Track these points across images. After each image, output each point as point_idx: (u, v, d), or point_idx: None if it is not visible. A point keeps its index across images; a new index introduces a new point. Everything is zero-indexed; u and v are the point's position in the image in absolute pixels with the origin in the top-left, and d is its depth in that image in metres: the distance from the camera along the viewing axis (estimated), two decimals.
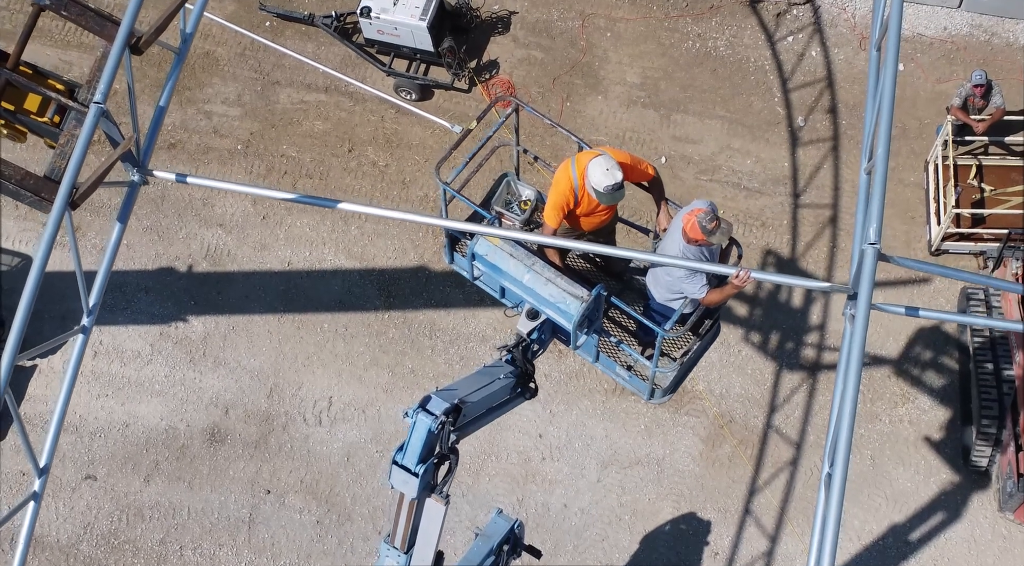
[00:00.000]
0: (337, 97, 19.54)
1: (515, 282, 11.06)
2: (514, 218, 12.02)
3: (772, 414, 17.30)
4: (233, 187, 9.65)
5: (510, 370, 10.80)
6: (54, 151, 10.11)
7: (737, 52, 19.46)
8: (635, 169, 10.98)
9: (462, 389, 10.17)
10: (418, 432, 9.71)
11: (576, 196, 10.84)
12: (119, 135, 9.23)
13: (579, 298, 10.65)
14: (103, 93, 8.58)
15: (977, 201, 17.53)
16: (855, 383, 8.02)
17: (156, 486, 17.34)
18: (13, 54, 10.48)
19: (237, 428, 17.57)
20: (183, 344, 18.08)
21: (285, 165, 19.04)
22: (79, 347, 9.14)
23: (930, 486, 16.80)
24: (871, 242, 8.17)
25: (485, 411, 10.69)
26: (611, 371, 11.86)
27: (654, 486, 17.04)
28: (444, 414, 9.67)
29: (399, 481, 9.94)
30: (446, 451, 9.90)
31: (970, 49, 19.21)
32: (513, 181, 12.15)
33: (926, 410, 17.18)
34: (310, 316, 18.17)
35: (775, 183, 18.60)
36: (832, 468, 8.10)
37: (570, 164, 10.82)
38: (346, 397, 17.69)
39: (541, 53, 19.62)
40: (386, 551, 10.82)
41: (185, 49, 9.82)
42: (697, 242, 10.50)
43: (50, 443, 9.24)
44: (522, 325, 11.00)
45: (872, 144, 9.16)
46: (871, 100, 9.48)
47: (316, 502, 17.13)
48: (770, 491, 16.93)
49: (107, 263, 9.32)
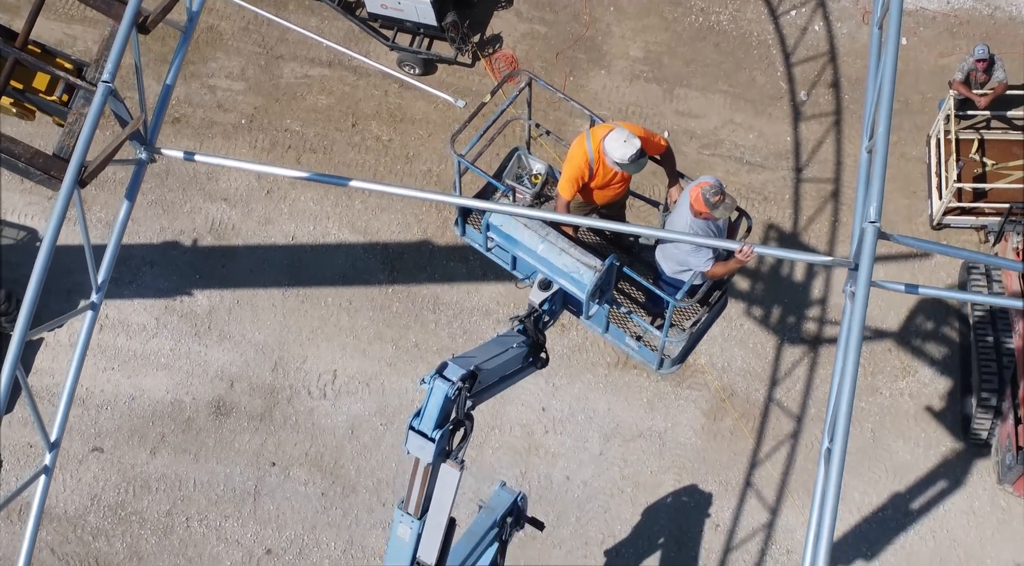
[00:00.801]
0: (341, 71, 19.58)
1: (529, 252, 11.21)
2: (525, 191, 12.13)
3: (773, 388, 17.42)
4: (242, 165, 9.76)
5: (522, 340, 10.96)
6: (63, 129, 10.19)
7: (740, 26, 19.48)
8: (648, 142, 11.10)
9: (478, 357, 10.32)
10: (435, 398, 9.88)
11: (591, 169, 10.98)
12: (127, 114, 9.30)
13: (592, 268, 10.82)
14: (111, 72, 8.66)
15: (979, 175, 17.59)
16: (855, 359, 8.12)
17: (162, 458, 17.48)
18: (22, 33, 10.54)
19: (242, 401, 17.70)
20: (188, 318, 18.19)
21: (289, 140, 19.10)
22: (88, 323, 9.25)
23: (930, 459, 16.93)
24: (871, 220, 8.25)
25: (499, 379, 10.88)
26: (620, 341, 12.01)
27: (656, 459, 17.18)
28: (461, 380, 9.85)
29: (415, 446, 10.14)
30: (462, 417, 10.09)
31: (973, 23, 19.23)
32: (524, 155, 12.26)
33: (926, 383, 17.29)
34: (314, 290, 18.27)
35: (777, 157, 18.66)
36: (832, 443, 8.20)
37: (585, 138, 10.98)
38: (350, 370, 17.81)
39: (544, 27, 19.65)
40: (400, 517, 10.96)
41: (191, 27, 9.88)
42: (703, 215, 10.62)
43: (60, 417, 9.36)
44: (534, 295, 11.16)
45: (873, 123, 9.22)
46: (872, 79, 9.55)
47: (321, 474, 17.28)
48: (771, 464, 17.06)
49: (115, 239, 9.41)
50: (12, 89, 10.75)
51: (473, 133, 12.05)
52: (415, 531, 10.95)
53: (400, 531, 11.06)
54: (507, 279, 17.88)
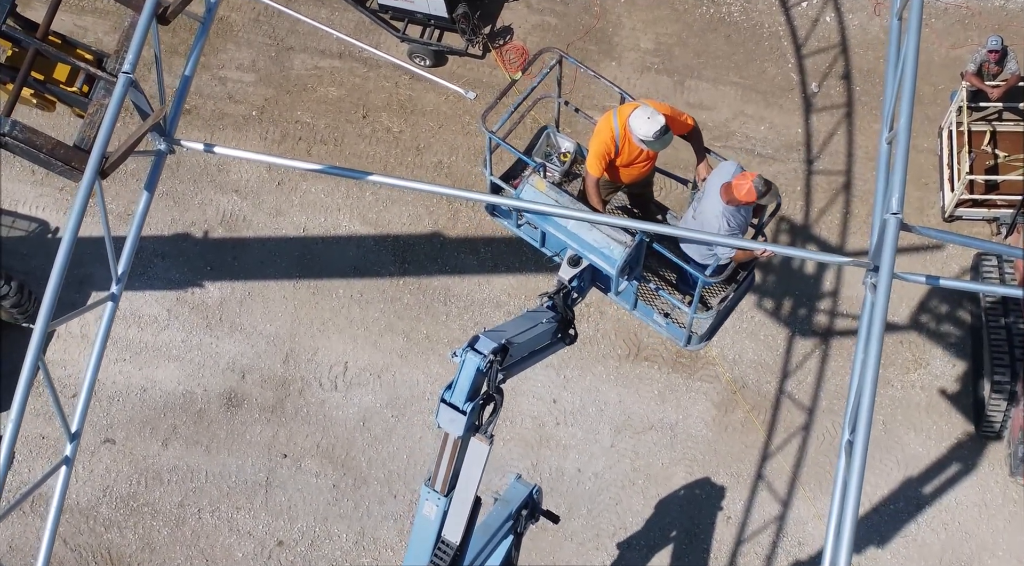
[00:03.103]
0: (351, 63, 19.56)
1: (559, 228, 11.26)
2: (554, 169, 12.16)
3: (784, 380, 17.42)
4: (260, 157, 9.71)
5: (552, 316, 11.01)
6: (83, 121, 10.17)
7: (751, 18, 19.44)
8: (675, 120, 11.12)
9: (508, 331, 10.36)
10: (467, 370, 9.92)
11: (617, 145, 10.99)
12: (147, 105, 9.30)
13: (623, 243, 10.85)
14: (131, 63, 8.64)
15: (991, 167, 17.53)
16: (876, 352, 8.09)
17: (174, 450, 17.50)
18: (42, 24, 10.52)
19: (254, 393, 17.71)
20: (200, 309, 18.20)
21: (300, 131, 19.09)
22: (108, 314, 9.24)
23: (941, 451, 16.93)
24: (893, 212, 8.22)
25: (528, 354, 10.91)
26: (648, 318, 12.07)
27: (667, 451, 17.18)
28: (492, 353, 9.87)
29: (446, 420, 10.15)
30: (492, 391, 10.10)
31: (985, 14, 19.18)
32: (553, 133, 12.28)
33: (938, 375, 17.29)
34: (325, 282, 18.27)
35: (789, 149, 18.63)
36: (853, 435, 8.18)
37: (612, 115, 11.01)
38: (361, 362, 17.81)
39: (555, 19, 19.61)
40: (426, 494, 10.94)
41: (209, 19, 9.87)
42: (741, 203, 10.65)
43: (81, 408, 9.37)
44: (563, 272, 11.23)
45: (893, 114, 9.20)
46: (891, 70, 9.52)
47: (332, 466, 17.29)
48: (782, 456, 17.07)
49: (135, 230, 9.40)
50: (33, 80, 10.74)
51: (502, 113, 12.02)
52: (441, 509, 10.92)
53: (426, 509, 11.03)
54: (518, 271, 18.03)
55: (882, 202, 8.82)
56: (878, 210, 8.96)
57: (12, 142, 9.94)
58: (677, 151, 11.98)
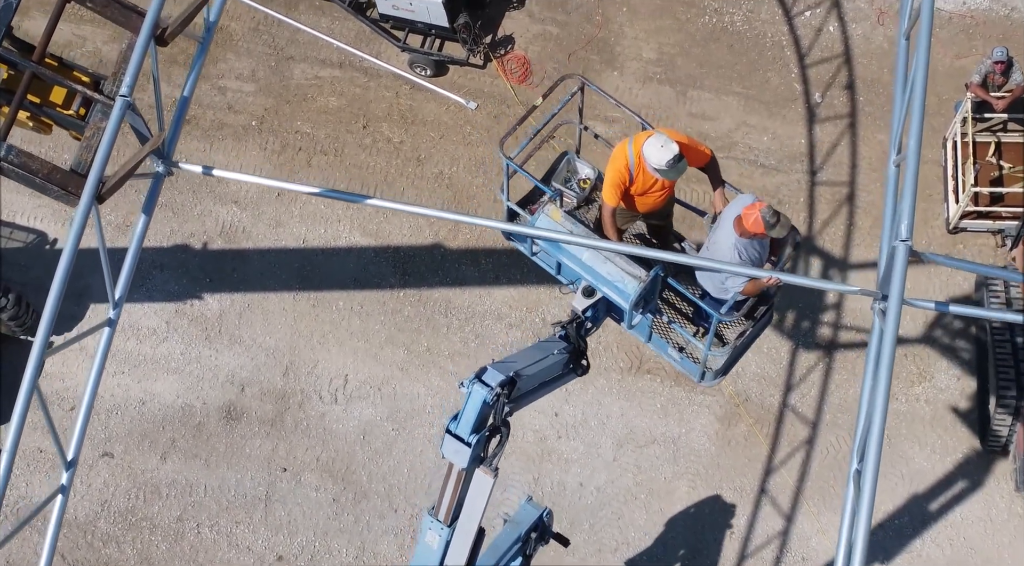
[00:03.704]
0: (351, 73, 19.43)
1: (574, 259, 11.21)
2: (573, 195, 12.09)
3: (788, 393, 17.30)
4: (260, 180, 9.61)
5: (563, 346, 10.90)
6: (80, 144, 10.05)
7: (754, 27, 19.31)
8: (692, 150, 11.00)
9: (517, 362, 10.26)
10: (473, 402, 9.85)
11: (631, 174, 10.89)
12: (145, 128, 9.17)
13: (637, 278, 10.79)
14: (129, 86, 8.51)
15: (995, 179, 17.41)
16: (886, 381, 7.97)
17: (173, 463, 17.38)
18: (39, 47, 10.39)
19: (253, 406, 17.59)
20: (199, 321, 18.07)
21: (300, 141, 18.97)
22: (105, 340, 9.11)
23: (946, 465, 16.81)
24: (902, 239, 8.09)
25: (537, 385, 10.82)
26: (663, 351, 12.00)
27: (670, 465, 17.06)
28: (500, 386, 9.78)
29: (451, 451, 10.06)
30: (499, 423, 10.04)
31: (989, 24, 19.05)
32: (573, 159, 12.23)
33: (943, 389, 17.16)
34: (325, 294, 18.15)
35: (792, 160, 18.51)
36: (862, 464, 8.06)
37: (627, 143, 10.92)
38: (362, 375, 17.69)
39: (556, 28, 19.49)
40: (429, 523, 10.86)
41: (208, 38, 9.74)
42: (753, 235, 10.52)
43: (77, 435, 9.26)
44: (578, 302, 11.18)
45: (901, 136, 9.08)
46: (899, 91, 9.39)
47: (332, 480, 17.17)
48: (786, 470, 16.95)
49: (132, 255, 9.27)
50: (29, 103, 10.60)
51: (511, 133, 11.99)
52: (444, 538, 10.84)
53: (428, 538, 10.97)
54: (519, 283, 17.90)
55: (890, 227, 8.70)
56: (886, 236, 8.84)
57: (7, 167, 9.81)
58: (699, 183, 11.84)
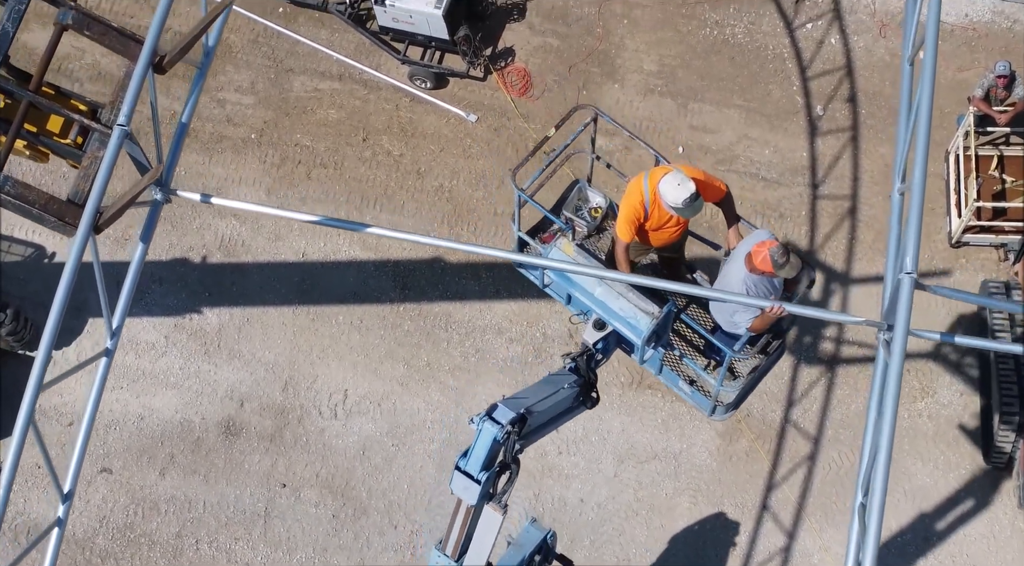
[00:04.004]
0: (351, 85, 19.34)
1: (586, 294, 11.19)
2: (584, 224, 12.05)
3: (790, 408, 17.22)
4: (259, 209, 9.52)
5: (574, 380, 10.87)
6: (77, 173, 9.97)
7: (755, 39, 19.22)
8: (708, 186, 10.94)
9: (528, 398, 10.23)
10: (483, 440, 9.85)
11: (646, 210, 10.83)
12: (143, 157, 9.09)
13: (650, 314, 10.74)
14: (127, 115, 8.43)
15: (998, 192, 17.33)
16: (891, 416, 7.87)
17: (171, 479, 17.29)
18: (36, 75, 10.29)
19: (252, 421, 17.51)
20: (197, 336, 17.99)
21: (299, 154, 18.88)
22: (102, 371, 9.02)
23: (949, 482, 16.72)
24: (908, 271, 8.01)
25: (547, 420, 10.83)
26: (674, 385, 12.00)
27: (671, 481, 16.98)
28: (510, 424, 9.74)
29: (460, 487, 10.07)
30: (509, 460, 10.02)
31: (992, 36, 18.97)
32: (584, 187, 12.24)
33: (945, 404, 17.08)
34: (325, 308, 18.07)
35: (793, 173, 18.42)
36: (866, 498, 7.97)
37: (643, 178, 10.88)
38: (361, 390, 17.61)
39: (557, 40, 19.40)
40: (437, 557, 10.84)
41: (208, 62, 9.65)
42: (762, 273, 10.46)
43: (73, 469, 9.18)
44: (588, 335, 11.14)
45: (906, 164, 9.00)
46: (903, 118, 9.31)
47: (332, 496, 17.09)
48: (787, 486, 16.87)
49: (130, 284, 9.19)
50: (26, 131, 10.52)
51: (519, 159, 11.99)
52: None
53: None
54: (520, 297, 17.82)
55: (895, 257, 8.60)
56: (891, 265, 8.75)
57: (4, 198, 9.73)
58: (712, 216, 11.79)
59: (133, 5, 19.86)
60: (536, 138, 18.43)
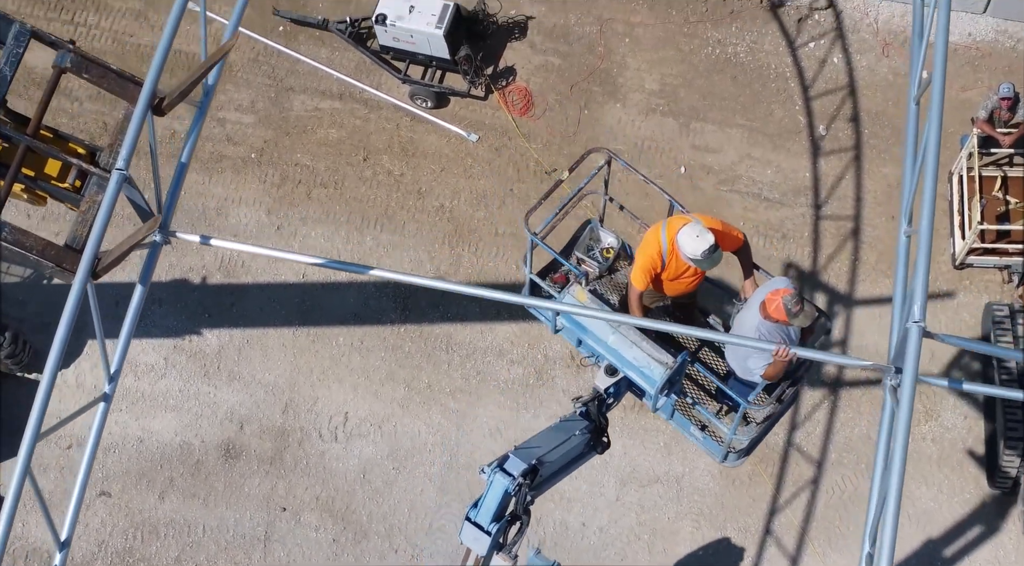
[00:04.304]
0: (352, 104, 19.24)
1: (599, 341, 11.17)
2: (595, 265, 12.00)
3: (793, 431, 17.12)
4: (259, 250, 9.42)
5: (584, 425, 10.82)
6: (75, 217, 9.87)
7: (757, 58, 19.13)
8: (726, 236, 10.89)
9: (539, 447, 10.19)
10: (494, 492, 9.79)
11: (664, 260, 10.77)
12: (142, 200, 9.01)
13: (664, 364, 10.67)
14: (125, 159, 8.34)
15: (1002, 214, 17.24)
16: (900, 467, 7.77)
17: (171, 503, 17.20)
18: (33, 119, 10.19)
19: (252, 444, 17.42)
20: (197, 357, 17.90)
21: (299, 174, 18.79)
22: (100, 417, 8.92)
23: (954, 506, 16.63)
24: (916, 321, 7.91)
25: (558, 469, 10.74)
26: (685, 430, 11.97)
27: (673, 504, 16.89)
28: (522, 475, 9.70)
29: (470, 538, 10.01)
30: (520, 511, 9.93)
31: (995, 55, 18.88)
32: (597, 227, 12.23)
33: (949, 428, 16.99)
34: (325, 329, 17.97)
35: (796, 194, 18.32)
36: (874, 549, 7.88)
37: (661, 228, 10.83)
38: (362, 412, 17.52)
39: (559, 59, 19.30)
40: None
41: (207, 101, 9.56)
42: (776, 321, 10.38)
43: (71, 516, 9.06)
44: (600, 381, 11.15)
45: (912, 206, 8.90)
46: (909, 160, 9.21)
47: (332, 520, 16.99)
48: (791, 510, 16.77)
49: (128, 328, 9.11)
50: (23, 176, 10.42)
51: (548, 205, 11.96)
52: None
53: None
54: (521, 319, 17.72)
55: (902, 303, 8.51)
56: (897, 311, 8.65)
57: (2, 244, 9.64)
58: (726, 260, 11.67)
59: (132, 23, 19.77)
60: (537, 157, 18.40)
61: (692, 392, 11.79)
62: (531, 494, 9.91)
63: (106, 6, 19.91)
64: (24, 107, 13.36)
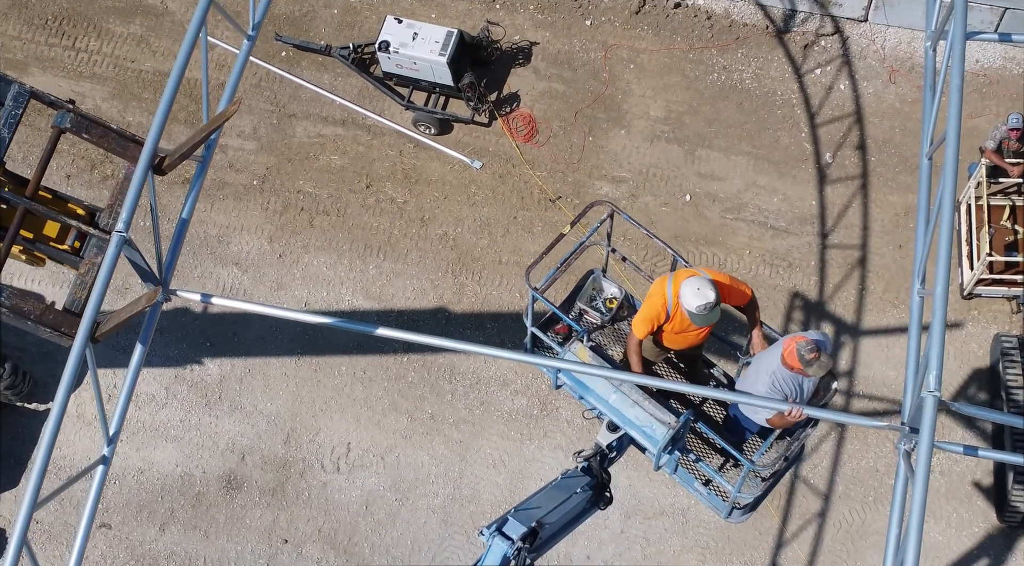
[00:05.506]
0: (354, 130, 19.09)
1: (600, 400, 11.07)
2: (598, 315, 11.88)
3: (799, 464, 16.96)
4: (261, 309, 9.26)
5: (586, 482, 10.69)
6: (74, 280, 9.73)
7: (763, 85, 18.98)
8: (732, 290, 10.71)
9: (538, 507, 10.04)
10: (493, 555, 9.70)
11: (668, 313, 10.62)
12: (143, 261, 8.85)
13: (666, 424, 10.52)
14: (125, 222, 8.20)
15: (1010, 243, 17.10)
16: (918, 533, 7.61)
17: (172, 535, 17.06)
18: (32, 181, 10.03)
19: (254, 475, 17.28)
20: (198, 387, 17.76)
21: (302, 201, 18.64)
22: (99, 479, 8.78)
23: (962, 540, 16.49)
24: (931, 390, 7.75)
25: (559, 529, 10.60)
26: (689, 486, 11.82)
27: (679, 538, 16.75)
28: (521, 539, 9.52)
29: None
30: None
31: (1003, 83, 18.72)
32: (599, 277, 12.12)
33: (958, 460, 16.84)
34: (327, 359, 17.83)
35: (802, 222, 18.17)
36: None
37: (667, 280, 10.67)
38: (364, 443, 17.38)
39: (563, 85, 19.15)
40: None
41: (209, 156, 9.43)
42: (791, 368, 10.21)
43: None
44: (602, 437, 11.02)
45: (924, 267, 8.76)
46: (922, 220, 9.06)
47: (334, 552, 16.86)
48: (797, 544, 16.63)
49: (128, 388, 8.96)
50: (22, 238, 10.27)
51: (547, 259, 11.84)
52: None
53: None
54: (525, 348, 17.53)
55: (915, 366, 8.35)
56: (911, 374, 8.49)
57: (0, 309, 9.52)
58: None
59: (134, 49, 19.62)
60: (542, 185, 18.25)
61: (695, 446, 11.64)
62: (531, 557, 9.76)
63: (107, 32, 19.76)
64: None
